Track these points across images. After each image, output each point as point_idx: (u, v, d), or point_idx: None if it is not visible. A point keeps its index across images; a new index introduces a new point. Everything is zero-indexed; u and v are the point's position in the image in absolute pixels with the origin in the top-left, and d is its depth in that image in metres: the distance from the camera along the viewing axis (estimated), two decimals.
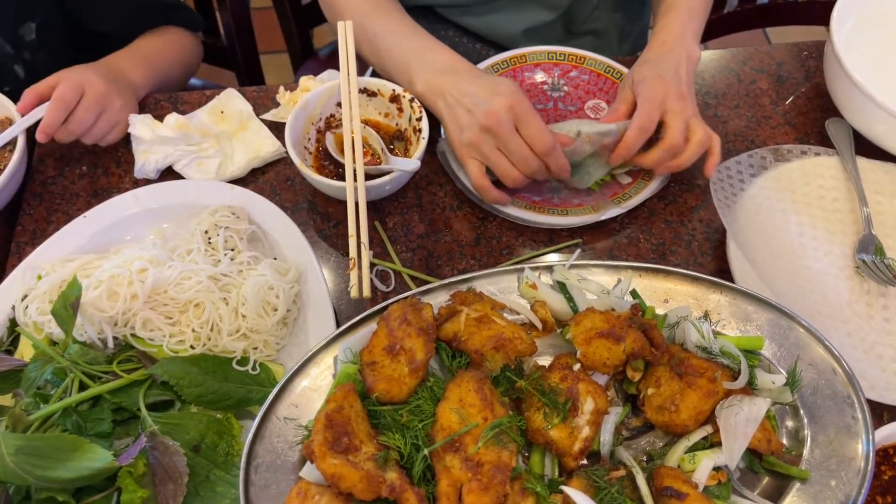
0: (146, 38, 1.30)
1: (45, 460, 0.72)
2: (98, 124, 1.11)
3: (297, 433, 0.77)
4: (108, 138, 1.14)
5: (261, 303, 0.94)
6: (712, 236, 1.08)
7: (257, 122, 1.17)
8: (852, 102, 1.10)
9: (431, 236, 1.08)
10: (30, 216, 1.11)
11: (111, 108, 1.11)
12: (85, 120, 1.09)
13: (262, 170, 1.14)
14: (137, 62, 1.22)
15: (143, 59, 1.24)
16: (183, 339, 0.91)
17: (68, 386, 0.85)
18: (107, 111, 1.11)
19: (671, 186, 1.12)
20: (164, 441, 0.80)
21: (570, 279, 0.85)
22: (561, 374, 0.77)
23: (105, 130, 1.12)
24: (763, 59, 1.28)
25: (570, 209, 1.06)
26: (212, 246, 0.99)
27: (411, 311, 0.78)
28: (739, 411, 0.76)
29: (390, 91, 1.11)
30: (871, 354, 0.96)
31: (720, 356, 0.80)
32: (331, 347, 0.81)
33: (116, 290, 0.90)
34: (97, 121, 1.10)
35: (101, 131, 1.12)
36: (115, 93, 1.12)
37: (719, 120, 1.20)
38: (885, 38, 1.17)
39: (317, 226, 1.10)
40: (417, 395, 0.75)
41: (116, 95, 1.12)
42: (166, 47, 1.31)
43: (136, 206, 1.04)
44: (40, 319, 0.93)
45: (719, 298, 0.86)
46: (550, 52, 1.23)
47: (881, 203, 1.09)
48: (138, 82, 1.20)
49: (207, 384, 0.87)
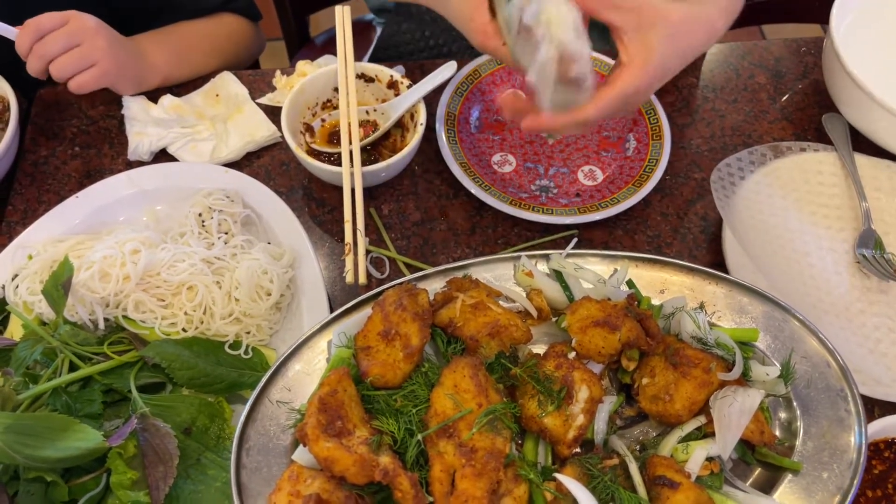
0: (191, 22, 1.23)
1: (34, 439, 0.71)
2: (67, 55, 1.03)
3: (289, 417, 0.76)
4: (80, 79, 1.05)
5: (254, 287, 0.93)
6: (708, 230, 1.08)
7: (253, 105, 1.16)
8: (850, 98, 1.10)
9: (427, 224, 1.08)
10: (21, 196, 1.09)
11: (90, 44, 1.04)
12: (52, 44, 1.01)
13: (258, 154, 1.13)
14: (162, 41, 1.17)
15: (172, 39, 1.18)
16: (175, 321, 0.91)
17: (58, 366, 0.84)
18: (82, 46, 1.03)
19: (667, 179, 1.12)
20: (154, 423, 0.79)
21: (567, 268, 0.84)
22: (556, 361, 0.77)
23: (73, 64, 1.04)
24: (762, 55, 1.28)
25: (556, 209, 1.05)
26: (205, 229, 0.98)
27: (407, 297, 0.77)
28: (733, 402, 0.76)
29: (388, 77, 1.11)
30: (865, 348, 0.96)
31: (715, 347, 0.80)
32: (325, 332, 0.81)
33: (108, 271, 0.89)
34: (68, 52, 1.02)
35: (68, 64, 1.03)
36: (102, 35, 1.04)
37: (717, 114, 1.20)
38: (884, 34, 1.17)
39: (311, 211, 1.09)
40: (412, 381, 0.75)
41: (103, 38, 1.04)
42: (212, 34, 1.24)
43: (129, 188, 1.03)
44: (30, 299, 0.92)
45: (715, 290, 0.86)
46: None
47: (880, 199, 1.09)
48: (154, 60, 1.14)
49: (199, 367, 0.86)
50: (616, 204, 1.05)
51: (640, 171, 1.10)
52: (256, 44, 1.36)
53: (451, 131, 1.12)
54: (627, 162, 1.12)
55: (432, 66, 1.16)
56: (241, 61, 1.33)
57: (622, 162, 1.12)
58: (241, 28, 1.30)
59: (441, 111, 1.14)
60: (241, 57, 1.33)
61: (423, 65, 1.23)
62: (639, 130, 1.14)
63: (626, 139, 1.15)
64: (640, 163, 1.11)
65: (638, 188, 1.07)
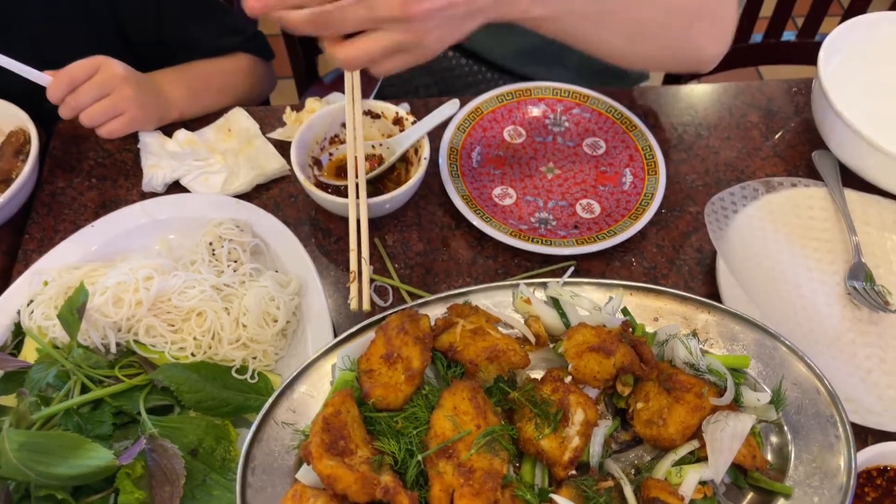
0: (208, 61, 1.28)
1: (47, 457, 0.74)
2: (98, 105, 1.08)
3: (294, 437, 0.78)
4: (109, 127, 1.11)
5: (262, 313, 0.96)
6: (703, 262, 1.11)
7: (263, 139, 1.21)
8: (839, 136, 1.14)
9: (429, 254, 1.11)
10: (38, 225, 1.13)
11: (118, 94, 1.09)
12: (84, 95, 1.07)
13: (267, 186, 1.18)
14: (179, 78, 1.22)
15: (188, 77, 1.23)
16: (184, 346, 0.94)
17: (71, 388, 0.87)
18: (112, 95, 1.09)
19: (663, 212, 1.16)
20: (162, 444, 0.81)
21: (563, 295, 0.87)
22: (553, 385, 0.79)
23: (103, 113, 1.09)
24: (754, 94, 1.33)
25: (555, 240, 1.08)
26: (216, 257, 1.02)
27: (409, 322, 0.80)
28: (725, 427, 0.78)
29: (393, 113, 1.15)
30: (857, 378, 0.98)
31: (707, 373, 0.82)
32: (329, 355, 0.83)
33: (122, 296, 0.92)
34: (98, 101, 1.08)
35: (97, 113, 1.09)
36: (130, 83, 1.10)
37: (711, 150, 1.24)
38: (870, 75, 1.21)
39: (318, 241, 1.12)
40: (413, 403, 0.77)
41: (130, 86, 1.10)
42: (227, 71, 1.29)
43: (143, 218, 1.07)
44: (44, 324, 0.95)
45: (707, 318, 0.89)
46: (555, 89, 1.26)
47: (870, 233, 1.13)
48: (172, 96, 1.19)
49: (207, 390, 0.89)
50: (613, 236, 1.08)
51: (636, 204, 1.13)
52: (268, 82, 1.42)
53: (454, 165, 1.17)
54: (624, 196, 1.16)
55: (436, 103, 1.20)
56: (253, 98, 1.38)
57: (619, 196, 1.16)
58: (255, 67, 1.35)
59: (444, 146, 1.18)
60: (254, 94, 1.38)
61: (427, 102, 1.28)
62: (635, 166, 1.18)
63: (623, 174, 1.18)
64: (636, 196, 1.14)
65: (634, 221, 1.10)
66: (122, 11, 1.25)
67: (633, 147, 1.20)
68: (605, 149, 1.22)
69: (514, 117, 1.26)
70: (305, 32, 0.81)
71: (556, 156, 1.22)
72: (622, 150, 1.21)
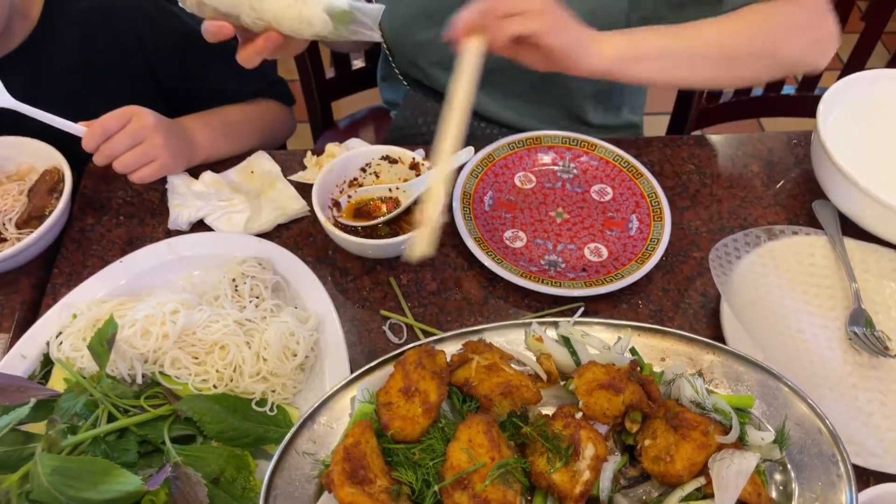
0: (233, 106, 1.35)
1: (78, 481, 0.77)
2: (129, 153, 1.13)
3: (314, 467, 0.81)
4: (140, 173, 1.16)
5: (282, 348, 0.99)
6: (707, 305, 1.15)
7: (284, 182, 1.26)
8: (838, 187, 1.18)
9: (442, 294, 1.15)
10: (66, 259, 1.18)
11: (150, 142, 1.14)
12: (117, 144, 1.12)
13: (287, 225, 1.22)
14: (206, 123, 1.28)
15: (214, 122, 1.29)
16: (207, 378, 0.97)
17: (98, 417, 0.90)
18: (144, 144, 1.14)
19: (668, 257, 1.20)
20: (186, 472, 0.84)
21: (574, 334, 0.91)
22: (564, 421, 0.82)
23: (136, 161, 1.14)
24: (755, 146, 1.38)
25: (564, 282, 1.12)
26: (238, 293, 1.06)
27: (426, 357, 0.84)
28: (731, 464, 0.80)
29: (410, 159, 1.21)
30: (859, 421, 1.01)
31: (713, 412, 0.85)
32: (350, 388, 0.87)
33: (149, 329, 0.96)
34: (131, 149, 1.13)
35: (130, 161, 1.14)
36: (160, 131, 1.15)
37: (714, 198, 1.29)
38: (868, 128, 1.27)
39: (335, 279, 1.17)
40: (429, 435, 0.80)
41: (161, 134, 1.15)
42: (251, 116, 1.35)
43: (169, 254, 1.12)
44: (73, 355, 0.99)
45: (712, 359, 0.92)
46: (564, 137, 1.32)
47: (869, 281, 1.16)
48: (199, 140, 1.25)
49: (228, 422, 0.92)
50: (620, 279, 1.12)
51: (642, 249, 1.18)
52: (289, 126, 1.48)
53: (467, 209, 1.22)
54: (631, 240, 1.20)
55: None
56: (275, 141, 1.44)
57: (626, 240, 1.21)
58: (277, 112, 1.42)
59: (458, 190, 1.23)
60: (276, 138, 1.44)
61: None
62: (641, 212, 1.23)
63: (630, 220, 1.23)
64: (642, 241, 1.19)
65: (641, 265, 1.14)
66: (154, 62, 1.32)
67: (640, 194, 1.25)
68: (612, 195, 1.27)
69: (525, 164, 1.31)
70: None
71: (564, 201, 1.27)
72: (629, 197, 1.26)
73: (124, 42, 1.29)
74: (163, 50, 1.32)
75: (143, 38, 1.30)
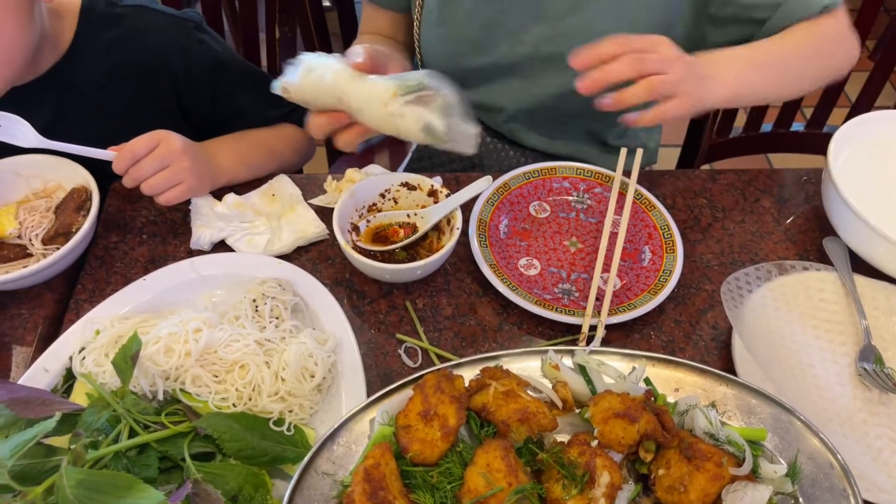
0: (255, 131, 1.39)
1: (102, 495, 0.78)
2: (157, 176, 1.17)
3: (332, 487, 0.83)
4: (167, 195, 1.19)
5: (300, 369, 1.01)
6: (718, 338, 1.16)
7: (305, 205, 1.29)
8: (848, 225, 1.20)
9: (458, 319, 1.17)
10: (90, 276, 1.20)
11: (177, 166, 1.17)
12: (145, 168, 1.15)
13: (307, 248, 1.25)
14: (230, 147, 1.32)
15: (238, 146, 1.33)
16: (227, 396, 0.98)
17: (120, 432, 0.91)
18: (171, 167, 1.17)
19: (681, 289, 1.22)
20: (206, 488, 0.85)
21: (590, 363, 0.93)
22: (579, 449, 0.84)
23: (162, 184, 1.17)
24: (766, 181, 1.41)
25: (577, 311, 1.14)
26: (258, 314, 1.08)
27: (445, 381, 0.86)
28: (744, 496, 0.82)
29: (429, 186, 1.23)
30: (869, 457, 1.02)
31: (726, 444, 0.87)
32: (369, 410, 0.88)
33: (172, 346, 0.98)
34: (157, 173, 1.17)
35: (157, 184, 1.17)
36: (187, 155, 1.18)
37: (726, 232, 1.31)
38: (878, 166, 1.29)
39: (353, 302, 1.18)
40: (447, 459, 0.82)
41: (187, 158, 1.18)
42: (273, 140, 1.39)
43: (191, 274, 1.14)
44: (95, 370, 1.00)
45: (726, 391, 0.94)
46: (579, 168, 1.35)
47: (878, 318, 1.18)
48: (223, 163, 1.28)
49: (247, 440, 0.93)
50: (633, 309, 1.14)
51: (654, 280, 1.20)
52: (309, 150, 1.52)
53: (483, 236, 1.24)
54: (643, 272, 1.22)
55: (466, 177, 1.28)
56: (294, 165, 1.48)
57: (639, 271, 1.23)
58: (297, 136, 1.45)
59: (474, 218, 1.26)
60: (295, 161, 1.48)
61: (458, 176, 1.37)
62: (654, 244, 1.25)
63: (643, 251, 1.25)
64: (655, 273, 1.21)
65: (653, 296, 1.16)
66: (182, 89, 1.36)
67: (653, 226, 1.27)
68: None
69: (540, 193, 1.33)
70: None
71: (578, 231, 1.29)
72: (642, 229, 1.28)
73: (153, 69, 1.33)
74: (193, 78, 1.35)
75: (172, 66, 1.34)
